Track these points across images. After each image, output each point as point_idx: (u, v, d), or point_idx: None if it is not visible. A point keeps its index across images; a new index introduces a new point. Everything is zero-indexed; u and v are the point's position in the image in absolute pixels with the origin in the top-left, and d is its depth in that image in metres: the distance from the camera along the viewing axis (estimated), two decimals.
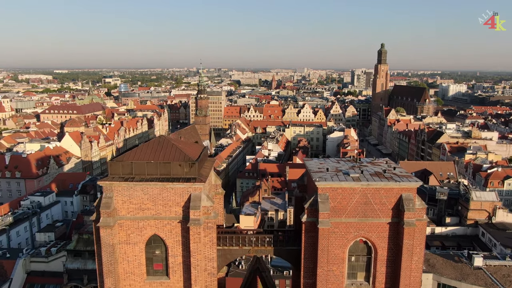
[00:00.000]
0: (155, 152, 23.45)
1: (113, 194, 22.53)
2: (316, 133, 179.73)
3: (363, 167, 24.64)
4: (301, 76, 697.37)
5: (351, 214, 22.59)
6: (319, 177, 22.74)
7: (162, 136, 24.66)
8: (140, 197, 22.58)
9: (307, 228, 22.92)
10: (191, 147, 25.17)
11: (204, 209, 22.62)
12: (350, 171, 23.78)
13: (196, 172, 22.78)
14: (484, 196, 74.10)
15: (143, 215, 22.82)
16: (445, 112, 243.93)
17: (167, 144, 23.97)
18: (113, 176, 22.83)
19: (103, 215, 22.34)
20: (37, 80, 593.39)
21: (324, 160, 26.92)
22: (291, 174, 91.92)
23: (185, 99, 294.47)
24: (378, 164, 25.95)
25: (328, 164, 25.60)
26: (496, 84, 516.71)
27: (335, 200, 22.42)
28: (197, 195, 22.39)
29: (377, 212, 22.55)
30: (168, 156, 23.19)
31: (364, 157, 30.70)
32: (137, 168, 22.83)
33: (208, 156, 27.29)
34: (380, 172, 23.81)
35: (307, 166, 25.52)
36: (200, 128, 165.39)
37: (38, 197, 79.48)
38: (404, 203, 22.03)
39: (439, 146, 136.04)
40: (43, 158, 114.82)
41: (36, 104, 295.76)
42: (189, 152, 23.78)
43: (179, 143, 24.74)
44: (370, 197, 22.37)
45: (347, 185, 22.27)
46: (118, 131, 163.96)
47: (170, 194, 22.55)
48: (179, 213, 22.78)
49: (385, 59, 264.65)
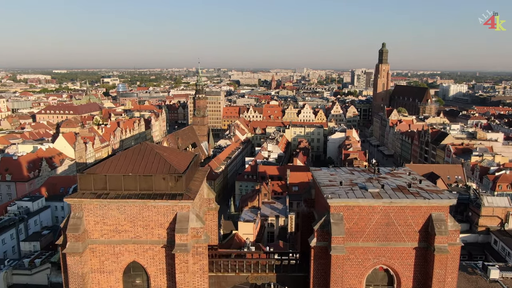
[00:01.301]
0: (135, 162, 19.58)
1: (83, 213, 18.71)
2: (317, 134, 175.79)
3: (383, 180, 20.80)
4: (301, 76, 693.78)
5: (370, 238, 18.79)
6: (331, 192, 18.90)
7: (144, 143, 20.79)
8: (116, 217, 18.77)
9: (316, 253, 19.12)
10: (178, 156, 21.28)
11: (193, 232, 18.78)
12: (368, 185, 19.95)
13: (183, 186, 18.93)
14: (496, 201, 70.26)
15: (120, 239, 18.98)
16: (447, 112, 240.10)
17: (149, 153, 20.08)
18: (83, 192, 18.96)
19: (71, 239, 18.50)
20: (35, 80, 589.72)
21: (335, 171, 23.05)
22: (292, 177, 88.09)
23: (184, 99, 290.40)
24: (399, 175, 22.10)
25: (341, 176, 21.76)
26: (497, 84, 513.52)
27: (351, 221, 18.63)
28: (184, 214, 18.56)
29: (401, 235, 18.75)
30: (150, 168, 19.33)
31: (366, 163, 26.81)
32: (113, 182, 18.99)
33: (199, 165, 23.42)
34: (404, 186, 19.97)
35: (315, 178, 21.67)
36: (198, 129, 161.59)
37: (26, 202, 75.25)
38: (434, 224, 18.25)
39: (444, 148, 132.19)
40: (35, 160, 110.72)
41: (32, 104, 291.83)
42: (176, 163, 19.92)
43: (164, 151, 20.86)
44: (393, 217, 18.58)
45: (366, 202, 18.45)
46: (114, 132, 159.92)
47: (152, 214, 18.74)
48: (162, 236, 18.96)
49: (386, 58, 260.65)
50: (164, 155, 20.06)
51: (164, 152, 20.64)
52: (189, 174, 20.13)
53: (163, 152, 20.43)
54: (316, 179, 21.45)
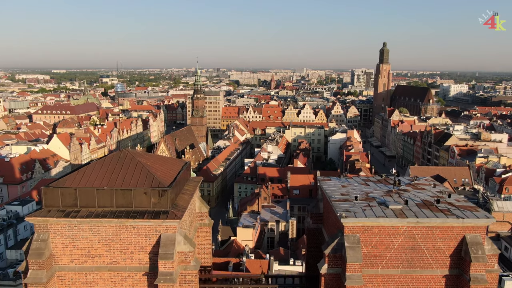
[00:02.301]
0: (111, 174, 16.48)
1: (48, 235, 15.64)
2: (317, 135, 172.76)
3: (404, 193, 17.73)
4: (300, 76, 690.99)
5: (392, 264, 15.76)
6: (345, 210, 15.84)
7: (124, 150, 17.67)
8: (89, 239, 15.71)
9: (327, 282, 16.06)
10: (164, 165, 18.15)
11: (180, 257, 15.72)
12: (388, 200, 16.88)
13: (169, 202, 15.85)
14: (507, 206, 67.48)
15: (93, 265, 15.91)
16: (449, 112, 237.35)
17: (129, 162, 16.96)
18: (49, 209, 15.87)
19: (33, 266, 15.41)
20: (33, 80, 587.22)
21: (346, 181, 19.94)
22: (292, 180, 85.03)
23: (183, 99, 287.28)
24: (421, 187, 19.02)
25: (354, 187, 18.70)
26: (497, 84, 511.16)
27: (369, 244, 15.58)
28: (169, 236, 15.49)
29: (428, 260, 15.72)
30: (129, 180, 16.21)
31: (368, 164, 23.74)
32: (84, 198, 15.90)
33: (189, 173, 20.31)
34: (431, 201, 16.90)
35: (325, 191, 18.58)
36: (197, 129, 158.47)
37: (15, 206, 72.04)
38: (469, 248, 15.22)
39: (447, 149, 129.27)
40: (28, 162, 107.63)
41: (30, 104, 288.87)
42: (161, 173, 16.82)
43: (147, 159, 17.74)
44: (419, 239, 15.54)
45: (387, 222, 15.39)
46: (111, 133, 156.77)
47: (131, 235, 15.66)
48: (144, 261, 15.88)
49: (387, 58, 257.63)
50: (147, 164, 16.94)
51: (148, 160, 17.51)
52: (177, 186, 16.99)
53: (146, 160, 17.31)
54: (326, 192, 18.36)
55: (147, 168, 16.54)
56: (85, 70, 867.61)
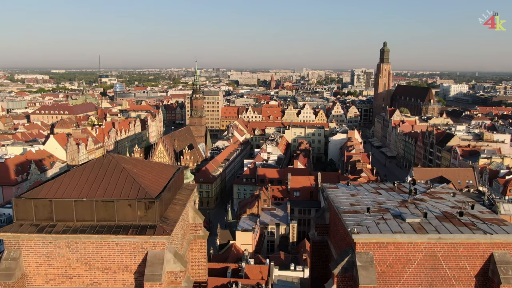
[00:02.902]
0: (92, 183, 14.60)
1: (20, 252, 13.79)
2: (318, 135, 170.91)
3: (421, 204, 15.90)
4: (300, 76, 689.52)
5: (410, 285, 13.89)
6: (356, 224, 14.02)
7: (108, 156, 15.80)
8: (66, 257, 13.84)
9: None
10: (153, 172, 16.27)
11: (170, 277, 13.86)
12: (404, 211, 15.04)
13: (157, 215, 13.99)
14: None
15: (71, 286, 14.02)
16: (450, 113, 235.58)
17: (113, 168, 15.07)
18: (21, 223, 14.00)
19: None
20: (32, 80, 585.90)
21: (355, 188, 18.07)
22: (293, 182, 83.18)
23: (182, 99, 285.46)
24: (439, 196, 17.16)
25: (364, 196, 16.86)
26: (497, 84, 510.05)
27: (384, 263, 13.75)
28: (157, 254, 13.63)
29: (451, 281, 13.87)
30: (112, 190, 14.33)
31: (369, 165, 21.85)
32: (61, 210, 14.04)
33: (182, 180, 18.44)
34: (452, 213, 15.07)
35: (332, 200, 16.73)
36: (196, 129, 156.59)
37: (7, 209, 70.18)
38: (498, 268, 13.39)
39: (450, 150, 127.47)
40: (24, 163, 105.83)
41: (28, 104, 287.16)
42: (148, 182, 14.95)
43: (134, 165, 15.86)
44: (441, 257, 13.71)
45: (405, 238, 13.55)
46: (109, 133, 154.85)
47: (114, 253, 13.79)
48: (129, 282, 14.00)
49: (387, 58, 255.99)
50: (133, 171, 15.05)
51: (134, 167, 15.62)
52: (166, 197, 15.11)
53: (132, 167, 15.42)
54: (333, 202, 16.50)
55: (132, 176, 14.64)
56: (84, 70, 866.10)
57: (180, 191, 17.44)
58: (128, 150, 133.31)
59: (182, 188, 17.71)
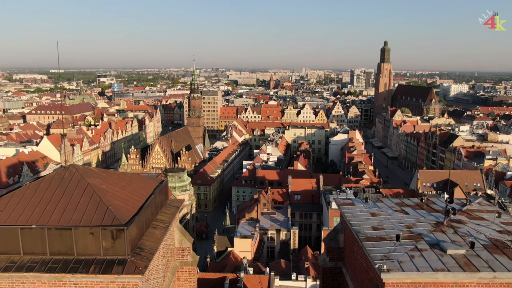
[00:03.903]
0: (46, 204, 11.44)
1: None
2: (318, 136, 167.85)
3: (460, 226, 12.81)
4: (299, 76, 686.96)
5: None
6: (384, 256, 10.95)
7: (70, 168, 12.64)
8: None
9: None
10: (127, 188, 13.06)
11: None
12: (442, 239, 11.92)
13: (128, 246, 10.85)
14: None
15: None
16: (451, 113, 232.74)
17: (75, 185, 11.91)
18: None
19: None
20: (31, 80, 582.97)
21: (376, 205, 14.95)
22: (293, 185, 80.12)
23: (181, 99, 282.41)
24: (479, 215, 14.03)
25: (388, 217, 13.75)
26: (497, 84, 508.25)
27: None
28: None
29: None
30: (70, 214, 11.18)
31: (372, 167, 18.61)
32: (4, 241, 10.95)
33: (167, 196, 15.30)
34: (503, 241, 11.99)
35: (348, 220, 13.62)
36: (193, 130, 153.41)
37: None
38: None
39: (453, 151, 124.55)
40: (16, 165, 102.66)
41: (24, 104, 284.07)
42: (119, 202, 11.79)
43: (104, 179, 12.67)
44: None
45: (450, 278, 10.47)
46: (105, 134, 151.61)
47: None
48: None
49: (388, 57, 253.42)
50: (100, 188, 11.88)
51: (104, 182, 12.44)
52: (143, 220, 11.98)
53: (100, 182, 12.24)
54: (350, 224, 13.37)
55: (99, 195, 11.50)
56: (83, 70, 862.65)
57: (163, 209, 14.30)
58: (124, 151, 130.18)
59: (165, 206, 14.58)
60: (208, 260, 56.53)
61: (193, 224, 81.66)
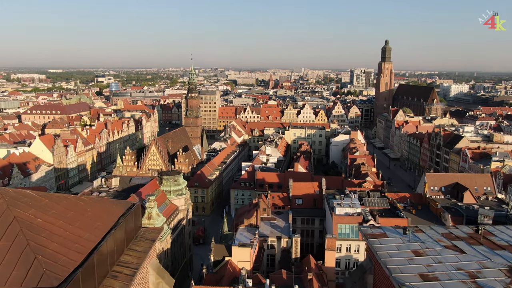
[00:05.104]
0: None
1: None
2: (319, 136, 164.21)
3: None
4: (299, 76, 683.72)
5: None
6: None
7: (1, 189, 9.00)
8: None
9: None
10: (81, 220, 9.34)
11: None
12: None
13: None
14: None
15: None
16: (453, 113, 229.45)
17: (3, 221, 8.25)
18: None
19: None
20: (28, 80, 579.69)
21: (417, 239, 11.26)
22: (295, 188, 76.40)
23: (179, 99, 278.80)
24: None
25: (437, 258, 10.13)
26: (497, 84, 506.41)
27: None
28: None
29: None
30: None
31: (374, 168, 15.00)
32: None
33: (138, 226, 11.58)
34: None
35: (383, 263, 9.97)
36: (191, 130, 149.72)
37: None
38: None
39: (458, 152, 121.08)
40: (6, 167, 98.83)
41: (20, 104, 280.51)
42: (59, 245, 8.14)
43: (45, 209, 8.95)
44: None
45: None
46: (100, 134, 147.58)
47: None
48: None
49: (389, 56, 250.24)
50: (34, 224, 8.17)
51: (42, 212, 8.70)
52: (91, 273, 8.25)
53: (36, 214, 8.49)
54: (387, 267, 9.69)
55: (26, 237, 7.81)
56: (82, 70, 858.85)
57: (132, 245, 10.57)
58: (119, 152, 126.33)
59: (136, 239, 10.85)
60: (204, 271, 52.76)
61: (190, 229, 78.09)
